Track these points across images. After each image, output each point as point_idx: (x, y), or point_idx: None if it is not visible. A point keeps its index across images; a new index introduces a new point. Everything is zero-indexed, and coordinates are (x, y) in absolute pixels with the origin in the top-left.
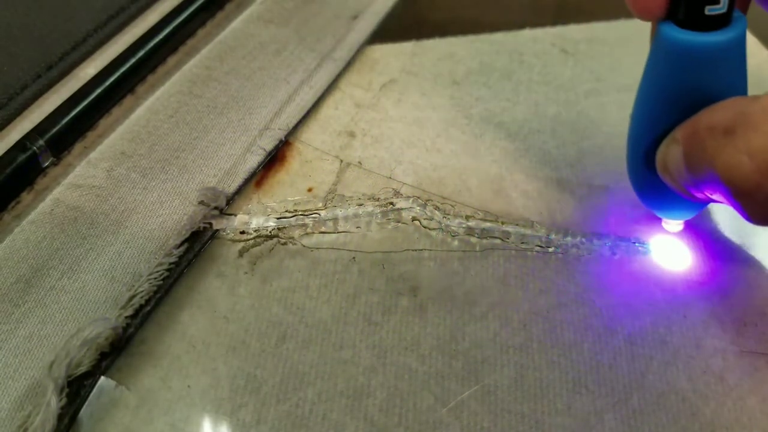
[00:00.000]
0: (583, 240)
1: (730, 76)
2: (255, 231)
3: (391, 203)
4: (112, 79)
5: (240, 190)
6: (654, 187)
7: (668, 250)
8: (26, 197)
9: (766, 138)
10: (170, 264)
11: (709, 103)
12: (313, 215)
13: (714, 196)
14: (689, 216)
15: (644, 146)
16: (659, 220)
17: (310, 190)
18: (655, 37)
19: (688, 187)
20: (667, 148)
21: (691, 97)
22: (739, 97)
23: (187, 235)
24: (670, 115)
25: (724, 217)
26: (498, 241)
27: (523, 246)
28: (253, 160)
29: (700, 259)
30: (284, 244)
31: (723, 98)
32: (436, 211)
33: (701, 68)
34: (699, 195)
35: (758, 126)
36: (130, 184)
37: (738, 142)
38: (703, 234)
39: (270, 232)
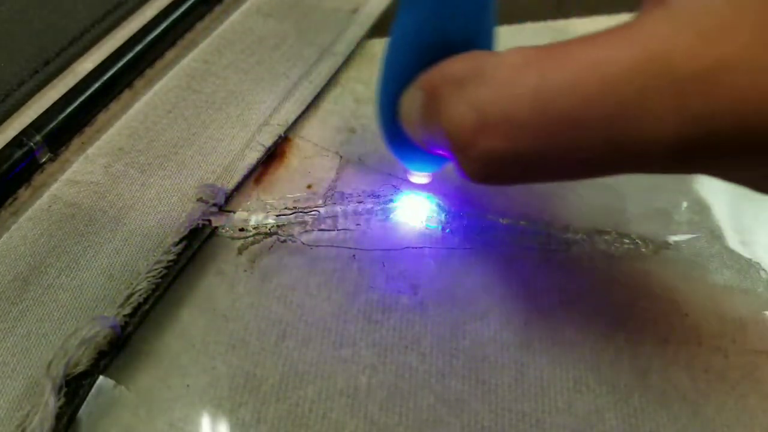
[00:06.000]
0: (585, 237)
1: (477, 28)
2: (254, 228)
3: (392, 200)
4: (109, 74)
5: (239, 187)
6: (400, 137)
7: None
8: (23, 194)
9: (492, 93)
10: (169, 262)
11: (454, 53)
12: (313, 212)
13: (442, 152)
14: (434, 169)
15: (393, 91)
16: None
17: (309, 186)
18: None
19: (423, 139)
20: (410, 94)
21: (437, 44)
22: (482, 51)
23: (185, 233)
24: (418, 60)
25: (725, 218)
26: (499, 238)
27: (525, 244)
28: (252, 157)
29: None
30: (284, 241)
31: (469, 50)
32: (437, 208)
33: (447, 9)
34: (433, 148)
35: (487, 81)
36: (128, 180)
37: (466, 95)
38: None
39: (269, 229)
